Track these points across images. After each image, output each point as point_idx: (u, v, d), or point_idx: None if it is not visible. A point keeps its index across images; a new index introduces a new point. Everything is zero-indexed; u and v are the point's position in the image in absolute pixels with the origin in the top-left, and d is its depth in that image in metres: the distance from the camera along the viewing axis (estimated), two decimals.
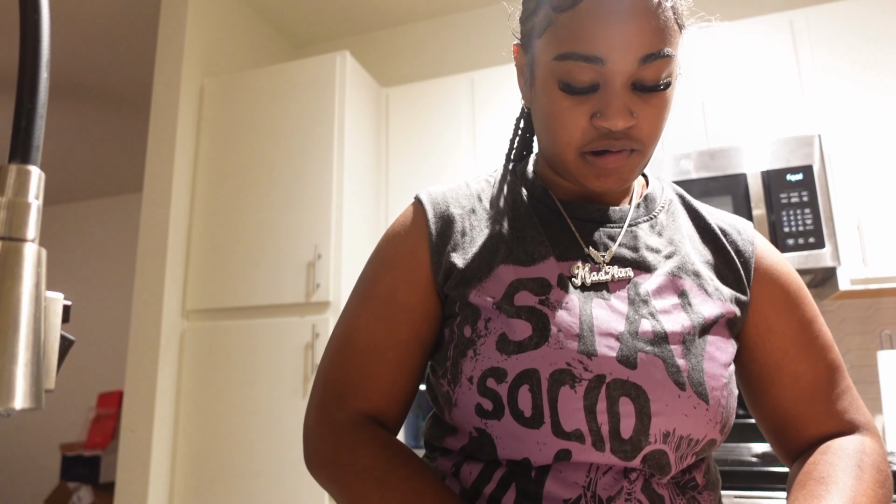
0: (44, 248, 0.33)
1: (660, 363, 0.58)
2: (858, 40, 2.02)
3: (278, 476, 2.00)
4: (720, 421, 0.60)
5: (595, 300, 0.61)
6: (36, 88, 0.33)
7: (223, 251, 2.27)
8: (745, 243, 0.70)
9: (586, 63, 0.57)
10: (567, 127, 0.60)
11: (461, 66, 2.89)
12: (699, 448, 0.60)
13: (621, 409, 0.57)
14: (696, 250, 0.68)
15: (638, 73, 0.57)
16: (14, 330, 0.30)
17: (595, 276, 0.63)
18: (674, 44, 0.58)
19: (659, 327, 0.60)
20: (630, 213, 0.68)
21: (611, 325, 0.60)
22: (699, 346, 0.61)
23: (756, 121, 2.05)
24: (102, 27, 2.91)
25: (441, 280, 0.65)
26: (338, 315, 2.09)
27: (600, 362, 0.57)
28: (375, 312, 0.65)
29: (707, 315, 0.63)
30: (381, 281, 0.66)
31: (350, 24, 3.04)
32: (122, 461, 2.12)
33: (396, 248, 0.67)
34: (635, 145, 0.60)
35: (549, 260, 0.63)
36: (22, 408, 0.29)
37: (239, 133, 2.37)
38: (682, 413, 0.58)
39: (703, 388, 0.59)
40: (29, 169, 0.33)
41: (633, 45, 0.56)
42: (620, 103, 0.57)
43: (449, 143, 2.42)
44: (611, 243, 0.66)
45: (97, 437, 3.99)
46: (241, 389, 2.11)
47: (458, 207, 0.68)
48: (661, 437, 0.57)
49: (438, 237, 0.66)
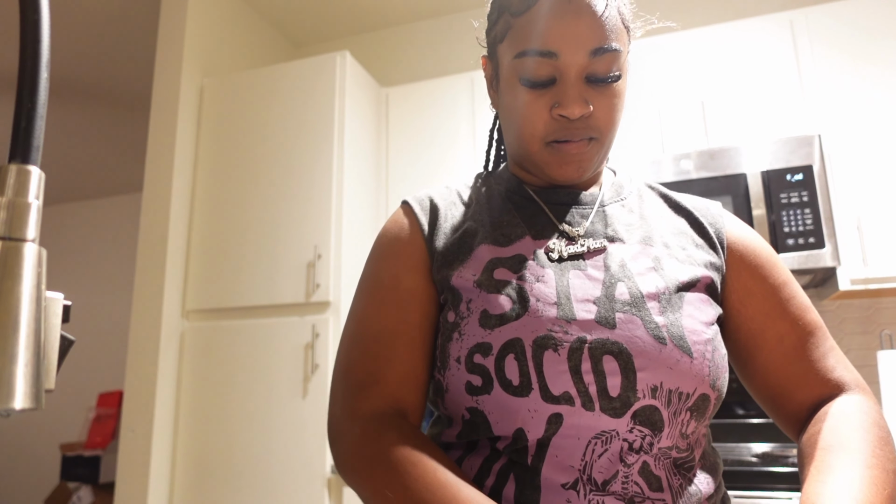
0: (44, 248, 0.33)
1: (638, 321, 0.60)
2: (859, 40, 2.02)
3: (278, 476, 2.00)
4: (708, 374, 0.60)
5: (572, 271, 0.64)
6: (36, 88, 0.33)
7: (223, 251, 2.27)
8: (715, 217, 0.73)
9: (542, 58, 0.63)
10: (530, 119, 0.65)
11: (461, 66, 2.89)
12: (691, 403, 0.60)
13: (606, 367, 0.59)
14: (667, 224, 0.72)
15: (590, 67, 0.63)
16: (14, 330, 0.30)
17: (571, 249, 0.66)
18: (621, 41, 0.64)
19: (634, 289, 0.63)
20: (600, 196, 0.73)
21: (587, 292, 0.62)
22: (676, 303, 0.63)
23: (756, 121, 2.05)
24: (102, 27, 2.91)
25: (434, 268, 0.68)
26: (337, 315, 2.09)
27: (580, 325, 0.60)
28: (383, 300, 0.67)
29: (681, 278, 0.65)
30: (384, 271, 0.69)
31: (350, 24, 3.04)
32: (122, 461, 2.12)
33: (392, 242, 0.70)
34: (593, 133, 0.65)
35: (526, 238, 0.67)
36: (22, 408, 0.29)
37: (239, 133, 2.37)
38: (665, 367, 0.59)
39: (683, 341, 0.60)
40: (29, 169, 0.33)
41: (583, 39, 0.62)
42: (576, 93, 0.63)
43: (449, 142, 2.42)
44: (584, 221, 0.70)
45: (97, 437, 3.99)
46: (240, 389, 2.11)
47: (441, 200, 0.73)
48: (649, 392, 0.59)
49: (429, 226, 0.70)
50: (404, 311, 0.66)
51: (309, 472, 1.97)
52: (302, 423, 2.01)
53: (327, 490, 1.94)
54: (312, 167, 2.22)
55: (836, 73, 2.01)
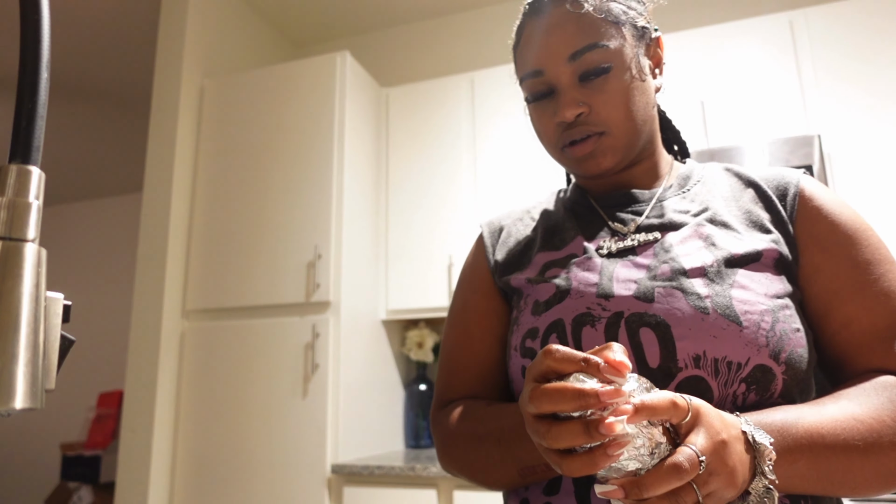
0: (44, 248, 0.33)
1: (678, 293, 0.61)
2: (858, 40, 2.02)
3: (278, 476, 2.00)
4: (765, 345, 0.58)
5: (620, 261, 0.67)
6: (36, 88, 0.33)
7: (223, 251, 2.27)
8: (790, 185, 0.69)
9: (534, 78, 0.70)
10: (542, 132, 0.73)
11: (461, 66, 2.89)
12: (745, 374, 0.57)
13: (643, 338, 0.60)
14: (729, 205, 0.70)
15: (578, 69, 0.68)
16: (14, 330, 0.30)
17: (621, 244, 0.69)
18: (604, 36, 0.68)
19: (677, 266, 0.63)
20: (659, 191, 0.74)
21: (631, 275, 0.65)
22: (726, 276, 0.62)
23: (756, 121, 2.05)
24: (102, 27, 2.91)
25: (496, 277, 0.77)
26: (337, 315, 2.09)
27: (617, 301, 0.63)
28: (454, 322, 0.80)
29: (734, 251, 0.63)
30: (457, 297, 0.82)
31: (350, 24, 3.04)
32: (123, 461, 2.12)
33: (465, 269, 0.83)
34: (595, 129, 0.68)
35: (577, 240, 0.73)
36: (22, 408, 0.29)
37: (239, 133, 2.37)
38: (709, 335, 0.58)
39: (730, 310, 0.59)
40: (29, 169, 0.33)
41: (559, 49, 0.68)
42: (567, 99, 0.68)
43: (449, 143, 2.42)
44: (637, 217, 0.72)
45: (97, 437, 3.99)
46: (241, 389, 2.11)
47: (507, 219, 0.83)
48: (691, 362, 0.58)
49: (491, 245, 0.81)
50: (468, 329, 0.77)
51: (309, 471, 1.97)
52: (302, 423, 2.01)
53: (327, 490, 1.94)
54: (312, 167, 2.22)
55: (836, 73, 2.01)
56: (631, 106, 0.68)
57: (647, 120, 0.71)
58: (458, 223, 2.34)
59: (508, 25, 2.85)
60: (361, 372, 2.20)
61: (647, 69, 0.72)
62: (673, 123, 0.84)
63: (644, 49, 0.72)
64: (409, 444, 2.40)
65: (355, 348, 2.17)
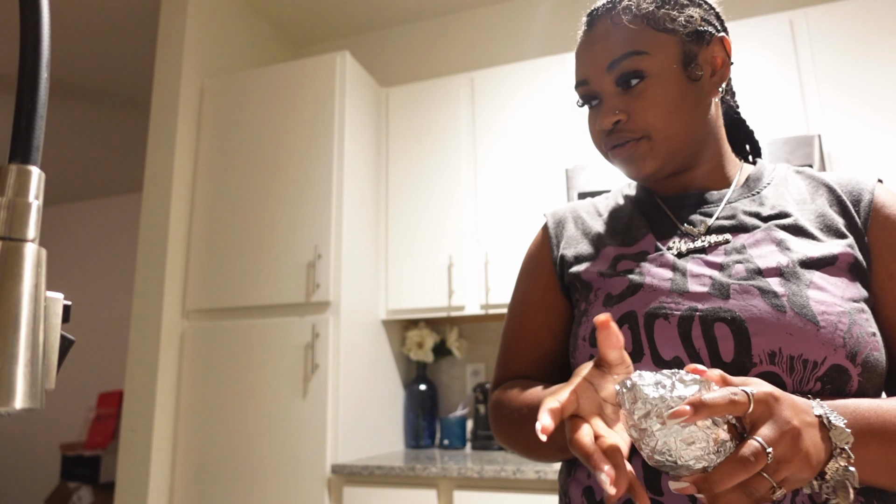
0: (44, 248, 0.33)
1: (755, 290, 0.62)
2: (858, 40, 2.02)
3: (278, 476, 2.00)
4: (842, 346, 0.58)
5: (692, 260, 0.69)
6: (36, 88, 0.33)
7: (223, 251, 2.27)
8: (865, 192, 0.69)
9: (581, 87, 0.75)
10: (593, 137, 0.77)
11: (461, 66, 2.89)
12: (821, 373, 0.58)
13: (717, 332, 0.61)
14: (802, 208, 0.70)
15: (616, 77, 0.71)
16: (14, 330, 0.30)
17: (691, 245, 0.70)
18: (643, 44, 0.70)
19: (753, 266, 0.64)
20: (729, 193, 0.75)
21: (704, 272, 0.66)
22: (802, 277, 0.62)
23: (756, 121, 2.05)
24: (102, 27, 2.91)
25: (559, 272, 0.80)
26: (337, 314, 2.09)
27: (692, 297, 0.64)
28: (513, 312, 0.83)
29: (809, 254, 0.64)
30: (518, 286, 0.84)
31: (350, 24, 3.04)
32: (123, 461, 2.12)
33: (527, 259, 0.85)
34: (634, 134, 0.71)
35: (649, 237, 0.74)
36: (22, 408, 0.29)
37: (239, 133, 2.37)
38: (785, 332, 0.58)
39: (807, 310, 0.59)
40: (29, 169, 0.33)
41: (599, 60, 0.72)
42: (607, 107, 0.72)
43: (449, 143, 2.42)
44: (708, 219, 0.73)
45: (97, 437, 3.99)
46: (241, 389, 2.11)
47: (572, 213, 0.85)
48: (766, 358, 0.58)
49: (556, 238, 0.82)
50: (524, 321, 0.81)
51: (309, 472, 1.97)
52: (302, 423, 2.01)
53: (327, 490, 1.94)
54: (312, 167, 2.22)
55: (836, 73, 2.01)
56: (674, 110, 0.70)
57: (696, 123, 0.72)
58: (458, 223, 2.33)
59: (508, 25, 2.85)
60: (361, 372, 2.20)
61: (701, 72, 0.72)
62: (746, 124, 0.84)
63: (701, 52, 0.72)
64: (409, 444, 2.40)
65: (355, 348, 2.17)
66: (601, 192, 2.02)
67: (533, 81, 2.35)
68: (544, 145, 2.28)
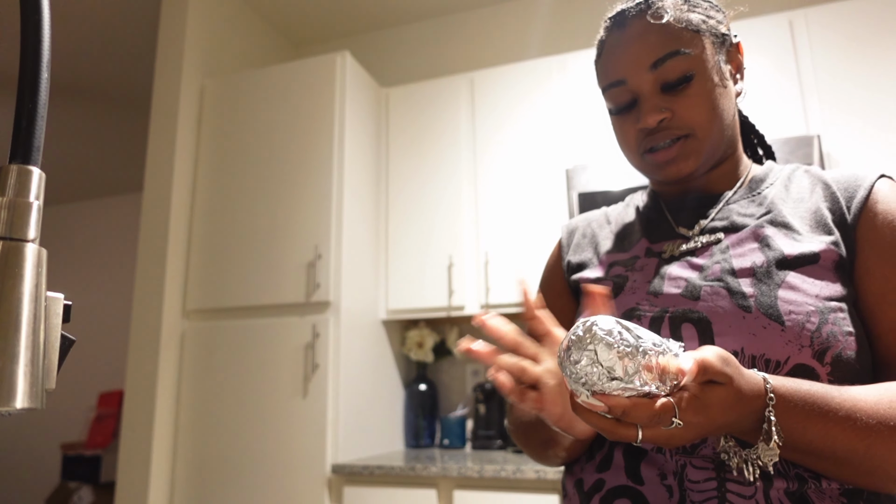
0: (44, 248, 0.33)
1: (724, 292, 0.64)
2: (858, 40, 2.02)
3: (278, 476, 2.00)
4: (808, 345, 0.58)
5: (677, 263, 0.71)
6: (36, 88, 0.33)
7: (223, 251, 2.27)
8: (861, 187, 0.68)
9: (616, 87, 0.73)
10: (624, 139, 0.75)
11: (461, 66, 2.89)
12: (784, 372, 0.58)
13: (684, 332, 0.63)
14: (797, 206, 0.71)
15: (660, 77, 0.70)
16: (14, 330, 0.30)
17: (683, 247, 0.73)
18: (686, 44, 0.70)
19: (727, 266, 0.66)
20: (730, 194, 0.76)
21: (682, 274, 0.69)
22: (775, 276, 0.64)
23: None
24: (102, 27, 2.91)
25: (567, 276, 0.84)
26: (337, 314, 2.09)
27: (665, 299, 0.67)
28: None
29: (788, 252, 0.65)
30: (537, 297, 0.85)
31: (350, 24, 3.04)
32: (123, 461, 2.12)
33: (545, 266, 0.90)
34: (680, 132, 0.71)
35: (642, 242, 0.77)
36: (23, 408, 0.29)
37: (239, 133, 2.37)
38: (748, 333, 0.60)
39: (773, 310, 0.60)
40: (30, 169, 0.33)
41: (641, 58, 0.70)
42: (650, 106, 0.71)
43: (449, 142, 2.42)
44: (703, 221, 0.74)
45: (98, 437, 3.99)
46: (241, 389, 2.11)
47: (584, 222, 0.88)
48: None
49: (567, 246, 0.87)
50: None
51: (309, 471, 1.97)
52: (302, 423, 2.01)
53: (327, 490, 1.94)
54: (312, 167, 2.22)
55: (836, 73, 2.01)
56: (715, 108, 0.70)
57: (730, 124, 0.73)
58: (458, 223, 2.34)
59: (508, 25, 2.85)
60: (361, 372, 2.20)
61: (728, 75, 0.74)
62: (756, 128, 0.85)
63: (725, 56, 0.74)
64: (409, 444, 2.40)
65: (355, 348, 2.17)
66: (601, 193, 2.02)
67: (533, 82, 2.35)
68: (544, 145, 2.28)
